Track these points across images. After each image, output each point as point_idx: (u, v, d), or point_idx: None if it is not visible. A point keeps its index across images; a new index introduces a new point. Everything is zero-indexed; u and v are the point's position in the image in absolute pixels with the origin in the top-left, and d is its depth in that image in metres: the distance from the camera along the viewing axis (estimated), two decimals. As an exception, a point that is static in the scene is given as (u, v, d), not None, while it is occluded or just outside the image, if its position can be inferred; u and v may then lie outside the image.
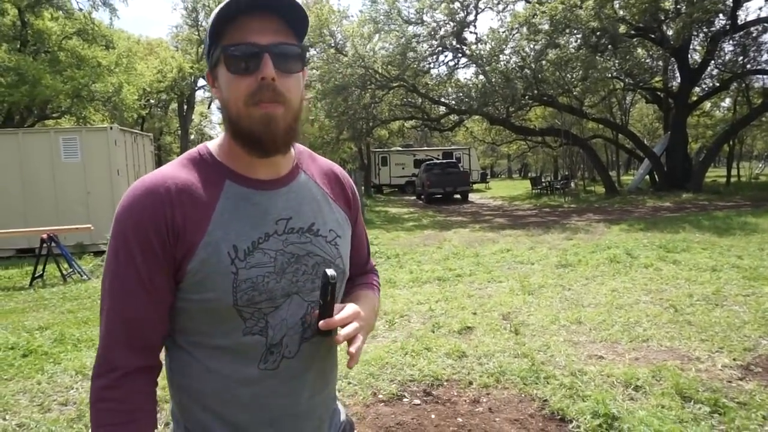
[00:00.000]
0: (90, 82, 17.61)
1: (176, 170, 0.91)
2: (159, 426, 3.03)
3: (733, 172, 26.20)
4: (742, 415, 2.87)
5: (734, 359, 3.72)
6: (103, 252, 9.47)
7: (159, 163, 33.04)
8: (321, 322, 0.89)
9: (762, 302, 5.02)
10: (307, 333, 0.95)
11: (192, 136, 35.97)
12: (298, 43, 0.90)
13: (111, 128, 10.57)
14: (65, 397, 3.55)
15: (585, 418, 2.88)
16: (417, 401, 3.31)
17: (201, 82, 32.24)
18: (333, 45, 24.26)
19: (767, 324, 4.42)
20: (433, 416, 3.10)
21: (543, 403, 3.16)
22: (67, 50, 17.86)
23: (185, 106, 29.49)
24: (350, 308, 0.94)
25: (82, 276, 7.94)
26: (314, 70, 22.59)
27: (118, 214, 0.88)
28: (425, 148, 37.93)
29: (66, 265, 7.98)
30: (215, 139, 1.00)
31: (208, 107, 41.71)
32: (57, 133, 10.73)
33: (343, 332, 0.90)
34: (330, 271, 0.87)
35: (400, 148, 34.78)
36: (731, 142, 24.70)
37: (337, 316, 0.90)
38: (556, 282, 6.28)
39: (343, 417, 1.14)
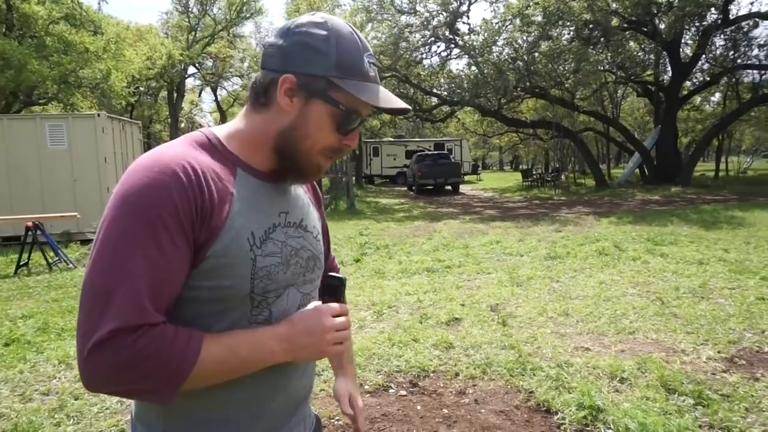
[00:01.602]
0: (77, 68, 17.32)
1: (190, 150, 0.86)
2: None
3: (722, 166, 26.41)
4: (725, 407, 2.89)
5: (719, 352, 3.75)
6: (90, 240, 9.38)
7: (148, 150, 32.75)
8: None
9: (747, 295, 5.06)
10: None
11: (182, 125, 35.62)
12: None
13: (98, 115, 10.42)
14: (47, 386, 3.51)
15: (570, 410, 2.88)
16: (403, 392, 3.30)
17: (191, 69, 31.94)
18: (325, 34, 24.01)
19: (751, 317, 4.46)
20: (419, 407, 3.09)
21: (529, 394, 3.17)
22: (54, 35, 17.53)
23: (175, 94, 29.15)
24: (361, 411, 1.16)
25: (68, 264, 7.86)
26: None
27: (133, 192, 0.78)
28: (417, 139, 37.87)
29: (51, 254, 7.88)
30: (218, 126, 0.96)
31: (199, 95, 41.33)
32: (43, 119, 10.56)
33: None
34: (341, 274, 0.93)
35: (391, 139, 34.69)
36: (720, 137, 24.88)
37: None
38: (545, 274, 6.30)
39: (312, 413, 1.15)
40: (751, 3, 54.32)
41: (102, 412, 3.14)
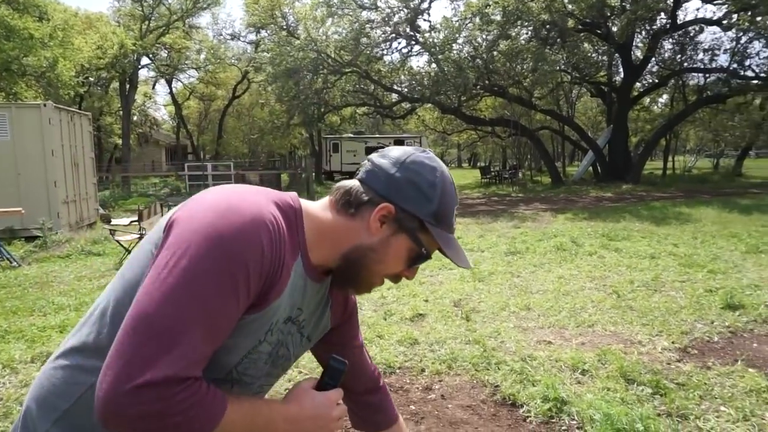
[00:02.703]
0: (21, 55, 16.44)
1: (278, 212, 0.85)
2: None
3: (669, 165, 27.55)
4: (680, 396, 2.99)
5: (672, 342, 3.89)
6: (35, 237, 8.93)
7: (99, 144, 31.44)
8: None
9: (696, 288, 5.28)
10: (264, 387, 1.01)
11: (135, 117, 34.32)
12: None
13: (45, 105, 9.91)
14: (-9, 392, 3.30)
15: (535, 403, 2.92)
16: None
17: (145, 60, 30.83)
18: (285, 27, 23.71)
19: (701, 308, 4.65)
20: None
21: (495, 388, 3.19)
22: (-5, 20, 16.57)
23: (127, 85, 28.05)
24: None
25: (11, 263, 7.45)
26: (265, 53, 21.97)
27: (229, 235, 0.75)
28: (377, 135, 37.84)
29: (-6, 251, 7.45)
30: (307, 201, 0.96)
31: (153, 87, 39.96)
32: (-17, 109, 9.96)
33: None
34: (343, 359, 0.93)
35: (351, 135, 34.53)
36: (667, 137, 25.94)
37: None
38: (506, 269, 6.39)
39: None
40: (697, 9, 56.89)
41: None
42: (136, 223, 7.74)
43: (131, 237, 7.64)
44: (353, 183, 0.93)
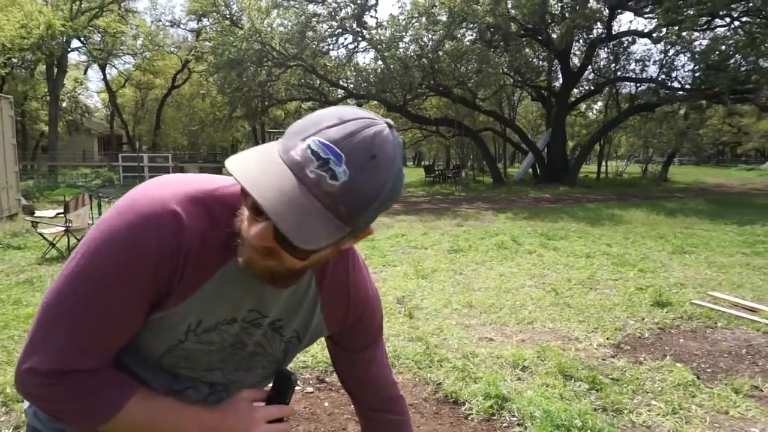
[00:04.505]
0: (-67, 31, 15.10)
1: (196, 212, 0.77)
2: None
3: (602, 169, 28.86)
4: (615, 391, 3.08)
5: (607, 338, 4.02)
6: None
7: (23, 131, 29.35)
8: None
9: (628, 286, 5.51)
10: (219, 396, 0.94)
11: (64, 104, 32.30)
12: None
13: (-42, 86, 9.10)
14: None
15: (477, 400, 2.92)
16: (310, 389, 3.18)
17: (75, 43, 29.07)
18: (228, 16, 23.01)
19: (633, 306, 4.85)
20: (326, 404, 2.99)
21: (437, 386, 3.17)
22: None
23: (55, 69, 26.34)
24: None
25: None
26: (207, 42, 21.23)
27: (121, 229, 0.73)
28: (322, 131, 37.45)
29: None
30: None
31: (84, 72, 37.72)
32: None
33: None
34: (292, 373, 0.90)
35: (296, 130, 33.99)
36: (601, 142, 27.15)
37: None
38: (449, 266, 6.44)
39: None
40: (630, 21, 59.76)
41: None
42: (62, 215, 7.24)
43: (56, 230, 7.15)
44: None
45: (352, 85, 22.76)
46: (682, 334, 4.17)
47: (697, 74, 19.70)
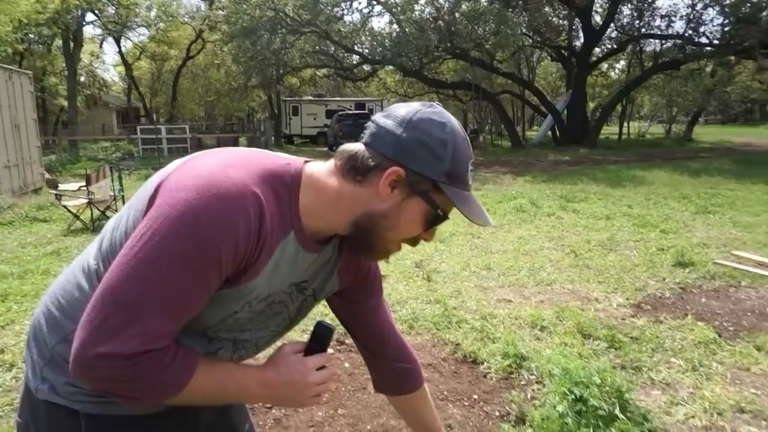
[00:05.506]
0: (-50, 8, 15.18)
1: (267, 189, 0.81)
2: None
3: (624, 130, 28.22)
4: (634, 349, 3.07)
5: (627, 299, 4.00)
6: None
7: (43, 106, 29.68)
8: None
9: (649, 247, 5.44)
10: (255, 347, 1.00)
11: (82, 78, 32.43)
12: None
13: (-23, 61, 9.19)
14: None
15: (496, 359, 2.95)
16: (330, 350, 3.23)
17: (90, 16, 29.01)
18: (240, -17, 22.59)
19: (653, 266, 4.80)
20: (347, 365, 3.04)
21: (456, 346, 3.20)
22: None
23: (72, 44, 26.34)
24: None
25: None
26: (220, 11, 21.02)
27: (205, 219, 0.74)
28: (337, 98, 37.17)
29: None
30: (312, 164, 0.90)
31: (100, 46, 37.69)
32: None
33: None
34: (329, 323, 0.92)
35: (311, 98, 33.80)
36: (623, 102, 26.49)
37: None
38: (466, 230, 6.42)
39: None
40: (654, -25, 57.34)
41: (-6, 388, 2.82)
42: (85, 188, 7.36)
43: (79, 202, 7.28)
44: (358, 147, 0.86)
45: (367, 50, 22.43)
46: (704, 294, 4.12)
47: (726, 28, 18.94)
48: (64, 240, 6.40)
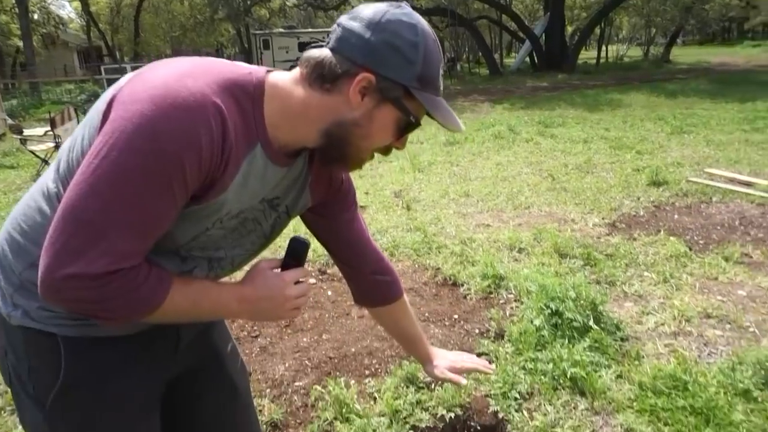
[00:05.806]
0: None
1: (229, 99, 0.77)
2: None
3: (602, 54, 27.83)
4: (609, 265, 3.17)
5: (603, 218, 4.08)
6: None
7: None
8: None
9: (625, 168, 5.51)
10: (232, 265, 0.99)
11: (35, 15, 30.50)
12: None
13: None
14: None
15: (475, 281, 3.02)
16: (312, 280, 3.27)
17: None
18: None
19: (629, 186, 4.87)
20: (329, 293, 3.09)
21: (436, 271, 3.27)
22: None
23: (19, -23, 24.58)
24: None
25: None
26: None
27: (165, 130, 0.70)
28: (310, 30, 35.70)
29: None
30: (274, 73, 0.85)
31: (51, -21, 35.21)
32: None
33: None
34: (304, 238, 0.93)
35: (282, 30, 32.40)
36: (602, 24, 25.93)
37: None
38: (445, 159, 6.41)
39: None
40: None
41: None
42: (51, 132, 7.09)
43: (46, 146, 7.04)
44: (324, 53, 0.81)
45: (337, -24, 21.33)
46: (676, 210, 4.23)
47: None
48: (32, 185, 6.23)
